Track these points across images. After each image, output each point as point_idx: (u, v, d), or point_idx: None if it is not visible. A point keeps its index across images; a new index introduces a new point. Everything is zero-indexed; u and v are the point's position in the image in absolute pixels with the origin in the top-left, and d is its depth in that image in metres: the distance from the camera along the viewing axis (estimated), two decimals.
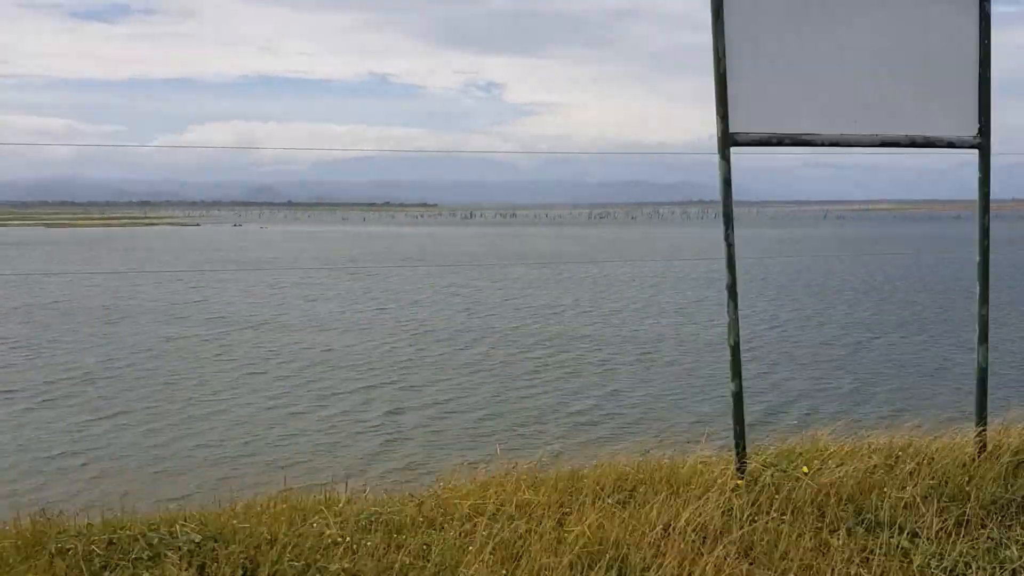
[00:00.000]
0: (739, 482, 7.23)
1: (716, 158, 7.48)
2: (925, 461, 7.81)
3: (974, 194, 8.34)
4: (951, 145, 8.15)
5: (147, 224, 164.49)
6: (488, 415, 18.47)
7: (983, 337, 8.54)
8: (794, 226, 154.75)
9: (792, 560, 5.98)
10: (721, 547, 5.98)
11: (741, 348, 7.83)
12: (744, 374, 7.99)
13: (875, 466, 7.62)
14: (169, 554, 5.70)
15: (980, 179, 8.31)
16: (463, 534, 6.32)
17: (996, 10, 8.35)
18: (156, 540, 5.84)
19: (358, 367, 23.82)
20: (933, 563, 6.04)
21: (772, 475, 7.39)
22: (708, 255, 72.97)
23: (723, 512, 6.59)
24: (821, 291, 43.20)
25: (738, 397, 7.70)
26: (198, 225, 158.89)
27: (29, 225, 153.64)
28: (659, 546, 6.06)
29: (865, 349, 26.47)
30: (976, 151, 8.25)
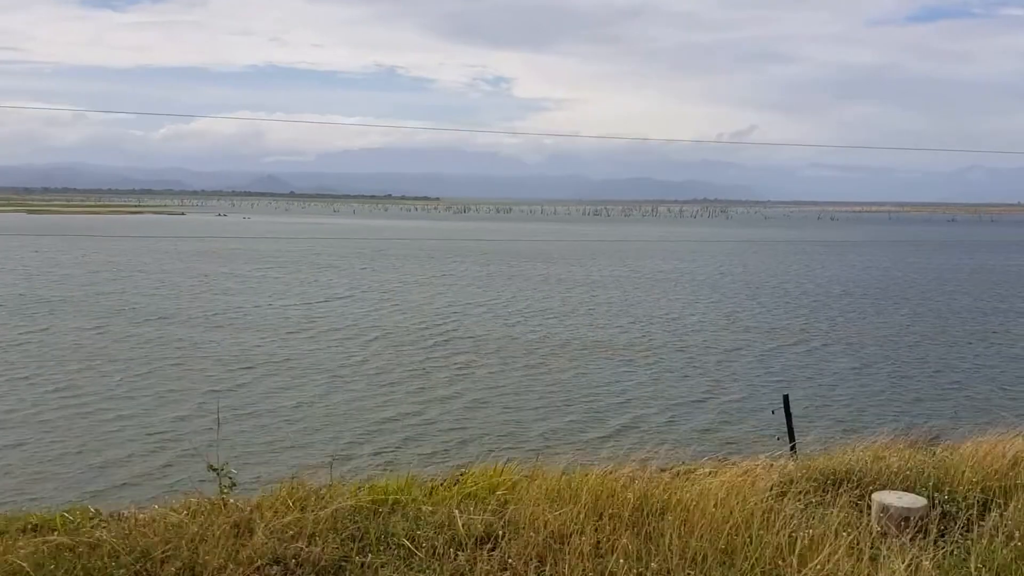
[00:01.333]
0: None
1: (723, 157, 5.92)
2: None
3: (978, 198, 6.86)
4: None
5: (133, 212, 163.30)
6: (300, 429, 17.10)
7: None
8: (782, 227, 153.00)
9: None
10: None
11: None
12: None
13: None
14: None
15: None
16: None
17: (1007, 12, 6.94)
18: None
19: (218, 369, 22.44)
20: None
21: None
22: (675, 253, 71.54)
23: None
24: (755, 292, 41.72)
25: None
26: (183, 214, 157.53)
27: (11, 211, 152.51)
28: None
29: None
30: None
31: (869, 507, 6.79)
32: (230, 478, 6.97)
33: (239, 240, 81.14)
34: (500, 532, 6.23)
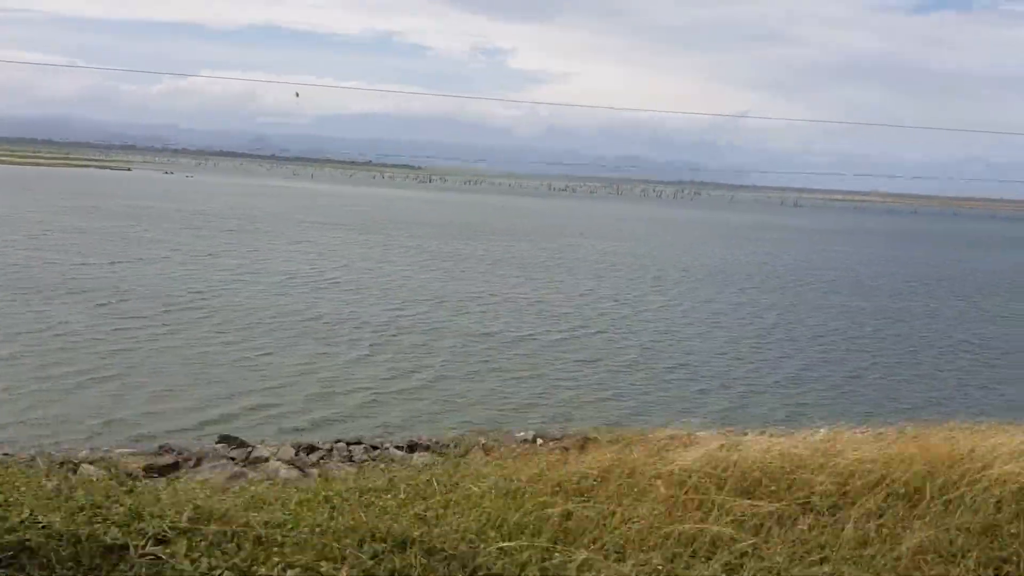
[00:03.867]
0: None
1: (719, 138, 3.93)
2: None
3: (974, 190, 5.55)
4: None
5: (81, 166, 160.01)
6: None
7: None
8: (735, 211, 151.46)
9: None
10: None
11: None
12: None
13: None
14: None
15: None
16: None
17: (1011, 8, 5.23)
18: None
19: None
20: None
21: None
22: (586, 232, 69.67)
23: None
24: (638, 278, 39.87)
25: None
26: (129, 170, 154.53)
27: None
28: None
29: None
30: None
31: None
32: None
33: (133, 198, 78.86)
34: None
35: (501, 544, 5.35)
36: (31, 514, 4.81)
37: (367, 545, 5.02)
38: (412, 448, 10.64)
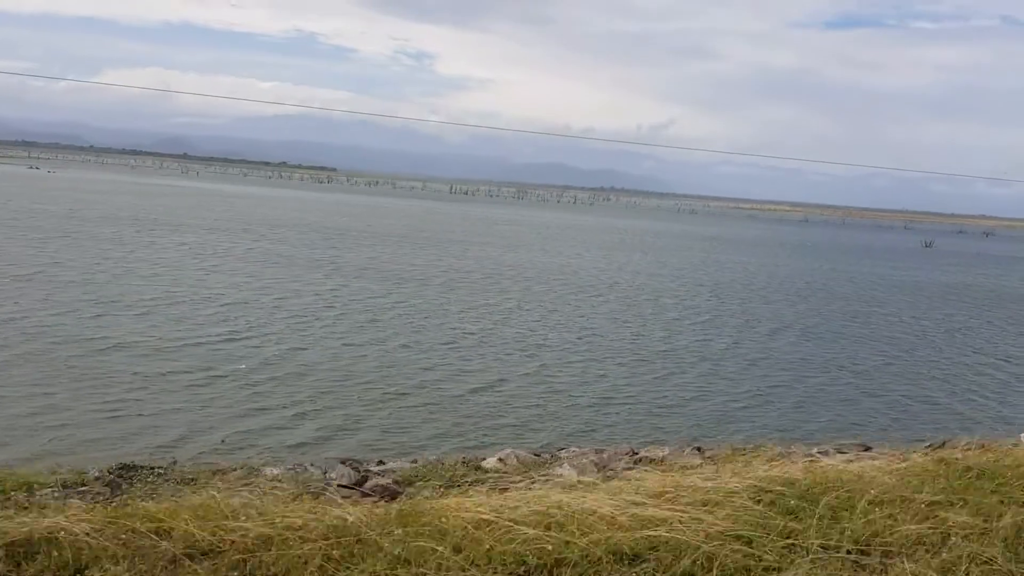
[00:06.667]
0: None
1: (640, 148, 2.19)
2: None
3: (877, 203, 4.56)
4: None
5: None
6: None
7: None
8: (624, 216, 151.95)
9: None
10: None
11: None
12: None
13: None
14: None
15: None
16: None
17: (916, 25, 2.72)
18: None
19: None
20: None
21: None
22: (465, 239, 67.60)
23: None
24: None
25: None
26: None
27: None
28: None
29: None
30: None
31: None
32: None
33: None
34: None
35: None
36: None
37: None
38: None
